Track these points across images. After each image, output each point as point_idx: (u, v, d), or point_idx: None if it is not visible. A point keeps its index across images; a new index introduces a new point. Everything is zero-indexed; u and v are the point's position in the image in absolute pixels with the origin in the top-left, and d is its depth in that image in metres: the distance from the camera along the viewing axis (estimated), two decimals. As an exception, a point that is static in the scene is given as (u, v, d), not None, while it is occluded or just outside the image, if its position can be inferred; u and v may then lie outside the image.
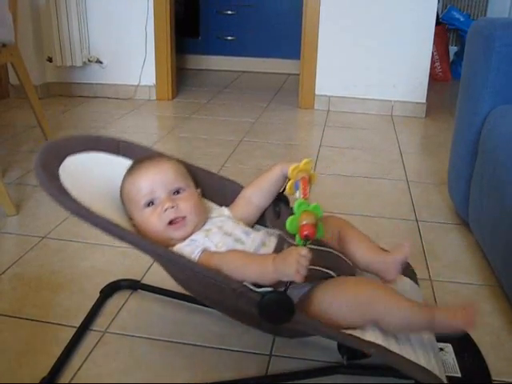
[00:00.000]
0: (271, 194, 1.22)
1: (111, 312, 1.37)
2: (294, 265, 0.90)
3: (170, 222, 1.13)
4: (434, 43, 3.32)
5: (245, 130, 2.96)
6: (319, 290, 1.03)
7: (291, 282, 0.92)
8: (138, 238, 1.08)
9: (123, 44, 3.55)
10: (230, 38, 4.80)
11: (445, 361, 1.14)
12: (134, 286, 1.46)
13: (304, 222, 0.94)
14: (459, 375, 1.12)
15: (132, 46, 3.55)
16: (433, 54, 3.36)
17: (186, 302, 1.40)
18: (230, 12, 4.72)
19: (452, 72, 4.54)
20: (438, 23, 3.66)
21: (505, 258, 1.36)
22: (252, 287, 0.96)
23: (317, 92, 3.48)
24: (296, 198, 1.03)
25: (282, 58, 4.68)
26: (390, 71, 3.36)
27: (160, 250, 1.05)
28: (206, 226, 1.16)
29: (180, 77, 4.03)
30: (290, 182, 1.12)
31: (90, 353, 1.22)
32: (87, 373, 1.16)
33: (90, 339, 1.26)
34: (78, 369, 1.17)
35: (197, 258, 1.06)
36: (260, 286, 0.96)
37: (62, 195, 1.04)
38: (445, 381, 0.96)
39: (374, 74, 3.38)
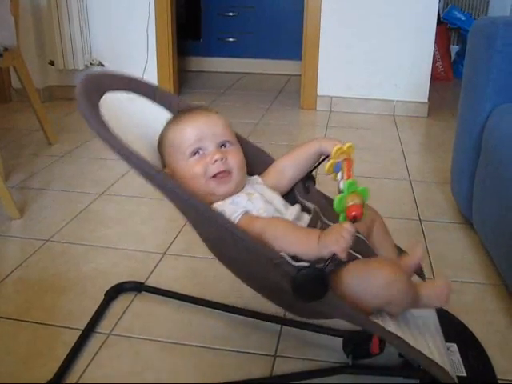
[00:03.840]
0: (305, 168, 1.17)
1: (116, 314, 1.37)
2: (335, 235, 0.88)
3: (214, 176, 1.07)
4: (435, 43, 3.32)
5: (247, 131, 2.96)
6: (347, 269, 0.98)
7: (332, 260, 0.88)
8: (179, 187, 1.00)
9: (125, 47, 3.56)
10: (231, 39, 4.80)
11: (450, 360, 1.14)
12: (138, 288, 1.46)
13: (352, 203, 0.92)
14: (464, 374, 1.11)
15: (134, 48, 3.55)
16: (434, 53, 3.35)
17: (190, 304, 1.40)
18: (231, 14, 4.73)
19: (454, 71, 4.54)
20: (439, 23, 3.66)
21: (509, 256, 1.36)
22: (290, 259, 0.92)
23: (319, 93, 3.48)
24: (337, 178, 1.01)
25: (283, 59, 4.68)
26: (392, 71, 3.36)
27: (201, 205, 0.97)
28: (248, 190, 1.11)
29: (182, 79, 4.03)
30: (331, 161, 1.05)
31: (95, 355, 1.22)
32: (92, 375, 1.16)
33: (94, 342, 1.26)
34: (83, 371, 1.17)
35: (237, 220, 1.00)
36: (297, 261, 0.92)
37: (102, 128, 0.99)
38: (456, 380, 0.96)
39: (375, 74, 3.38)
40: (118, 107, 1.11)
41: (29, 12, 3.39)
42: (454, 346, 1.19)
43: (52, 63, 3.56)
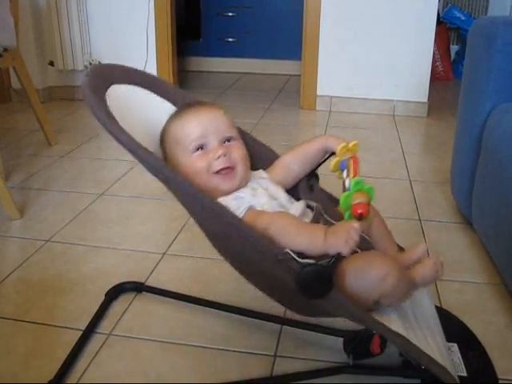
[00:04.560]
0: (310, 164, 1.16)
1: (116, 314, 1.37)
2: (344, 235, 0.87)
3: (218, 172, 1.07)
4: (435, 42, 3.32)
5: (247, 131, 2.94)
6: (344, 263, 0.96)
7: (337, 257, 0.88)
8: (186, 182, 0.99)
9: (124, 47, 3.55)
10: (231, 39, 4.80)
11: (451, 360, 1.14)
12: (138, 288, 1.46)
13: (358, 201, 0.92)
14: (465, 374, 1.11)
15: (133, 48, 3.55)
16: (434, 53, 3.36)
17: (190, 304, 1.40)
18: (230, 14, 4.73)
19: (453, 71, 4.54)
20: (438, 22, 3.66)
21: (509, 256, 1.36)
22: (295, 256, 0.90)
23: (318, 92, 3.48)
24: (343, 176, 1.01)
25: (283, 59, 4.68)
26: (392, 71, 3.36)
27: (207, 200, 0.96)
28: (252, 185, 1.10)
29: (181, 79, 4.03)
30: (336, 159, 1.04)
31: (95, 355, 1.22)
32: (92, 375, 1.16)
33: (95, 342, 1.26)
34: (84, 372, 1.17)
35: (242, 215, 1.00)
36: (303, 257, 0.91)
37: (110, 121, 0.98)
38: (457, 379, 0.96)
39: (375, 73, 3.37)
40: (124, 100, 1.11)
41: (28, 12, 3.39)
42: (454, 346, 1.19)
43: (52, 63, 3.56)
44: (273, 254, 0.91)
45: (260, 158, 1.20)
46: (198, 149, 1.08)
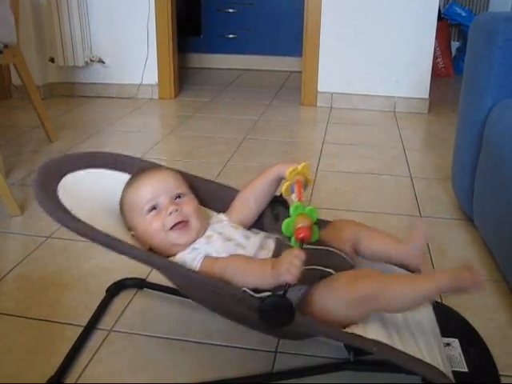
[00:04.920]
0: (267, 195, 1.23)
1: (117, 311, 1.37)
2: (286, 265, 0.92)
3: (173, 228, 1.13)
4: (436, 39, 3.31)
5: (248, 127, 2.96)
6: (316, 289, 1.03)
7: (289, 285, 0.92)
8: (138, 250, 1.08)
9: (125, 43, 3.56)
10: (231, 36, 4.80)
11: (452, 356, 1.14)
12: (139, 284, 1.46)
13: (300, 225, 0.95)
14: (466, 370, 1.11)
15: (134, 45, 3.55)
16: (435, 49, 3.35)
17: (191, 300, 1.40)
18: (231, 10, 4.72)
19: (454, 67, 4.53)
20: (439, 18, 3.65)
21: (510, 253, 1.36)
22: (251, 293, 0.96)
23: (319, 89, 3.48)
24: (293, 200, 1.04)
25: (283, 55, 4.68)
26: (393, 67, 3.35)
27: (161, 261, 1.07)
28: (207, 233, 1.17)
29: (182, 75, 4.03)
30: (287, 183, 1.11)
31: (96, 352, 1.22)
32: (93, 372, 1.16)
33: (96, 338, 1.26)
34: (84, 368, 1.17)
35: (199, 265, 1.07)
36: (260, 292, 0.96)
37: (59, 213, 1.06)
38: (451, 376, 0.96)
39: (376, 70, 3.37)
40: (80, 187, 1.18)
41: (28, 9, 3.39)
42: (455, 342, 1.19)
43: (52, 60, 3.55)
44: (231, 295, 0.98)
45: (223, 200, 1.28)
46: (151, 210, 1.15)
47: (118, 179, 1.24)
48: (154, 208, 1.15)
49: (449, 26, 4.63)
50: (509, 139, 1.45)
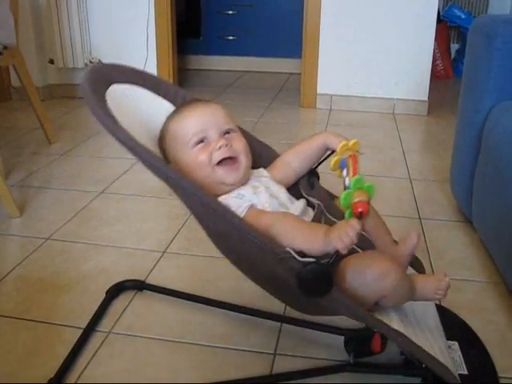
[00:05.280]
0: (310, 162, 1.17)
1: (116, 312, 1.37)
2: (340, 233, 0.87)
3: (220, 163, 1.06)
4: (435, 41, 3.31)
5: (247, 129, 2.93)
6: (344, 262, 0.98)
7: (337, 254, 0.88)
8: (185, 180, 0.97)
9: (125, 45, 3.55)
10: (231, 37, 4.80)
11: (451, 358, 1.14)
12: (139, 286, 1.46)
13: (358, 199, 0.92)
14: (466, 372, 1.11)
15: (133, 46, 3.55)
16: (434, 51, 3.35)
17: (190, 302, 1.40)
18: (230, 12, 4.72)
19: (453, 69, 4.54)
20: (439, 21, 3.66)
21: (509, 254, 1.36)
22: (295, 255, 0.90)
23: (319, 91, 3.48)
24: (343, 175, 1.01)
25: (283, 57, 4.68)
26: (392, 69, 3.35)
27: (207, 199, 0.96)
28: (253, 183, 1.10)
29: (182, 77, 4.03)
30: (336, 157, 1.04)
31: (95, 353, 1.22)
32: (92, 373, 1.16)
33: (95, 340, 1.26)
34: (83, 369, 1.17)
35: (243, 214, 1.00)
36: (303, 256, 0.91)
37: (111, 122, 0.98)
38: (458, 377, 0.96)
39: (375, 72, 3.37)
40: (124, 100, 1.11)
41: (28, 10, 3.39)
42: (455, 344, 1.19)
43: (52, 61, 3.55)
44: (274, 253, 0.91)
45: (260, 156, 1.20)
46: (198, 143, 1.07)
47: (159, 104, 1.19)
48: (201, 141, 1.07)
49: (448, 28, 4.63)
50: (508, 141, 1.45)
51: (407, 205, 2.04)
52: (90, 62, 3.54)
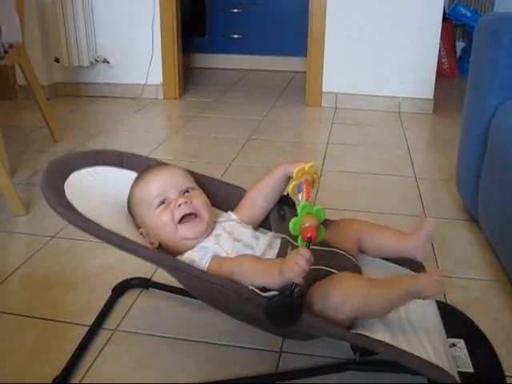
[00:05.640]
0: (275, 194, 1.23)
1: (122, 310, 1.37)
2: (291, 264, 0.92)
3: (181, 220, 1.14)
4: (440, 39, 3.31)
5: (252, 128, 2.96)
6: (313, 288, 1.02)
7: (296, 284, 0.92)
8: (147, 249, 1.09)
9: (130, 43, 3.56)
10: (236, 36, 4.79)
11: (457, 356, 1.14)
12: (145, 284, 1.47)
13: (307, 225, 0.95)
14: (472, 371, 1.11)
15: (139, 45, 3.55)
16: (440, 50, 3.35)
17: (196, 300, 1.40)
18: (236, 10, 4.72)
19: (459, 68, 4.52)
20: (444, 19, 3.64)
21: (515, 253, 1.36)
22: (259, 292, 0.96)
23: (324, 89, 3.47)
24: (300, 199, 1.04)
25: (288, 55, 4.68)
26: (397, 68, 3.35)
27: (169, 260, 1.06)
28: (216, 231, 1.17)
29: (187, 76, 4.03)
30: (294, 183, 1.11)
31: (101, 351, 1.22)
32: (98, 371, 1.17)
33: (100, 338, 1.27)
34: (89, 367, 1.17)
35: (207, 265, 1.07)
36: (267, 292, 0.96)
37: (67, 211, 1.05)
38: (456, 376, 0.96)
39: (381, 70, 3.37)
40: (86, 185, 1.19)
41: (34, 9, 3.40)
42: (461, 343, 1.18)
43: (57, 60, 3.56)
44: (239, 294, 0.98)
45: (230, 200, 1.28)
46: (160, 204, 1.16)
47: (125, 177, 1.25)
48: (163, 202, 1.16)
49: (454, 27, 4.62)
50: (514, 139, 1.44)
51: (413, 203, 2.04)
52: (96, 60, 3.55)
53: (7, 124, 2.99)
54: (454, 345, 1.16)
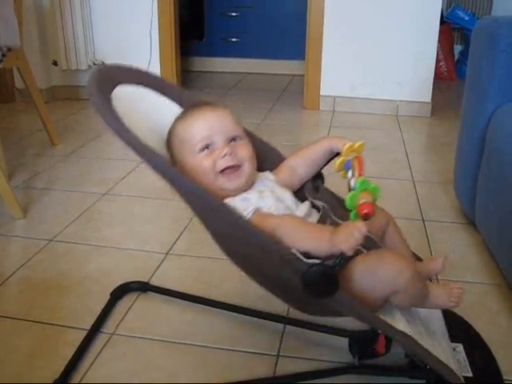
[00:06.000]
0: (316, 166, 1.17)
1: (119, 314, 1.37)
2: (346, 235, 0.88)
3: (223, 171, 1.06)
4: (438, 42, 3.31)
5: (250, 131, 2.94)
6: (353, 262, 0.98)
7: (342, 257, 0.89)
8: (191, 182, 0.98)
9: (128, 47, 3.55)
10: (234, 39, 4.80)
11: (456, 360, 1.14)
12: (143, 287, 1.46)
13: (364, 201, 0.92)
14: (470, 375, 1.11)
15: (137, 48, 3.55)
16: (438, 53, 3.36)
17: (193, 303, 1.40)
18: (233, 14, 4.73)
19: (457, 71, 4.53)
20: (442, 22, 3.65)
21: (512, 256, 1.36)
22: (301, 256, 0.91)
23: (322, 93, 3.48)
24: (348, 176, 1.01)
25: (286, 59, 4.68)
26: (395, 71, 3.35)
27: (212, 200, 0.96)
28: (259, 187, 1.10)
29: (185, 79, 4.03)
30: (341, 158, 1.04)
31: (99, 355, 1.22)
32: (95, 375, 1.16)
33: (98, 341, 1.26)
34: (86, 371, 1.17)
35: (249, 217, 1.00)
36: (309, 258, 0.92)
37: (117, 123, 0.97)
38: (463, 380, 0.96)
39: (378, 73, 3.37)
40: (130, 101, 1.10)
41: (32, 12, 3.39)
42: (459, 347, 1.18)
43: (55, 63, 3.56)
44: (279, 255, 0.91)
45: (266, 159, 1.20)
46: (203, 149, 1.07)
47: (165, 105, 1.19)
48: (207, 147, 1.07)
49: (451, 30, 4.63)
50: (511, 143, 1.44)
51: (410, 207, 2.04)
52: (94, 63, 3.55)
53: (5, 127, 2.99)
54: (453, 349, 1.16)
